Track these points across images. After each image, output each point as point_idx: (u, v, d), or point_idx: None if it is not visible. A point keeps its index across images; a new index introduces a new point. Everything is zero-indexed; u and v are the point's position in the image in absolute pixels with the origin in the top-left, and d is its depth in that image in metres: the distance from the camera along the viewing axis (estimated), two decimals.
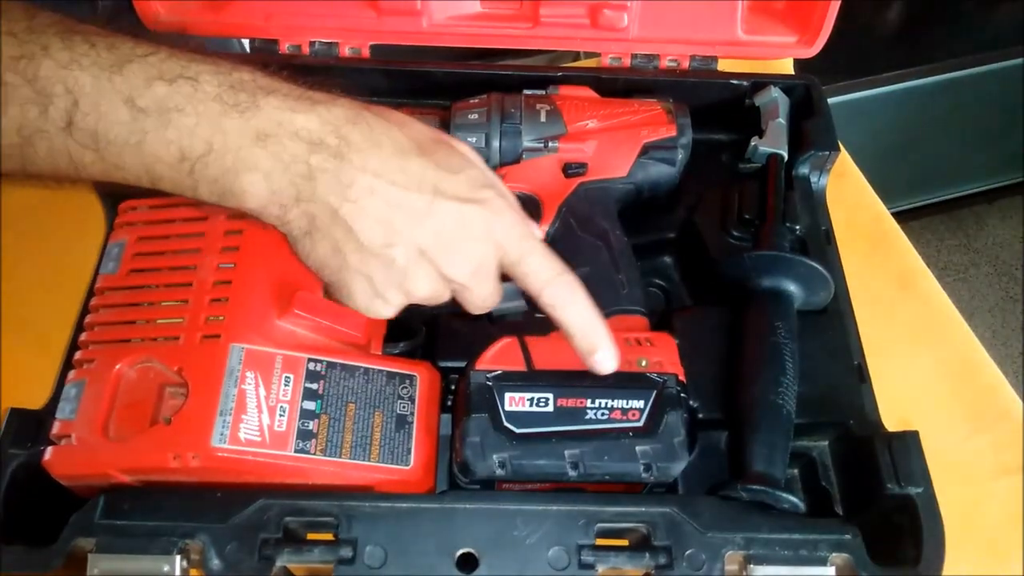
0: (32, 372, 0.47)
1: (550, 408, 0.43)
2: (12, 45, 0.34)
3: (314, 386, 0.42)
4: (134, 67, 0.36)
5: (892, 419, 0.48)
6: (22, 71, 0.34)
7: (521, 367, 0.45)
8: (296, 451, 0.40)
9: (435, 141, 0.42)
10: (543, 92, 0.58)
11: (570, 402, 0.43)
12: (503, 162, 0.54)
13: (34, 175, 0.37)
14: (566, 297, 0.42)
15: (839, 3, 0.59)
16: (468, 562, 0.40)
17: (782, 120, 0.59)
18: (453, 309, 0.44)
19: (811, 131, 0.59)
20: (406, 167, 0.39)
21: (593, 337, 0.42)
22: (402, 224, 0.39)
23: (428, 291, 0.41)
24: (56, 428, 0.41)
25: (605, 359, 0.43)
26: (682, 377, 0.45)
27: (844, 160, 0.71)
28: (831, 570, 0.40)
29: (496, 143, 0.54)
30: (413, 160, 0.40)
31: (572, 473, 0.42)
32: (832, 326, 0.51)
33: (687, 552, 0.40)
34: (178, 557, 0.39)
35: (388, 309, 0.42)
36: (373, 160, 0.39)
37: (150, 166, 0.37)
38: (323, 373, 0.43)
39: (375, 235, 0.39)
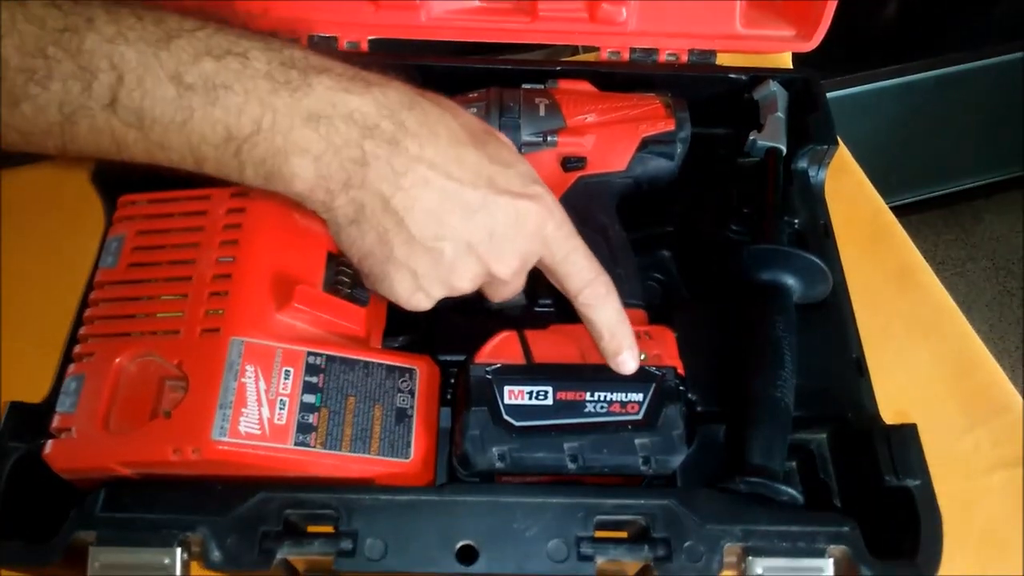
0: (32, 366, 0.47)
1: (549, 401, 0.43)
2: (56, 17, 0.33)
3: (314, 379, 0.42)
4: (181, 42, 0.34)
5: (890, 412, 0.48)
6: (65, 44, 0.33)
7: (520, 360, 0.45)
8: (296, 444, 0.41)
9: (486, 132, 0.41)
10: (542, 86, 0.58)
11: (569, 395, 0.44)
12: None
13: (74, 154, 0.36)
14: (603, 297, 0.43)
15: None
16: (468, 554, 0.40)
17: (781, 114, 0.59)
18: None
19: (810, 125, 0.59)
20: (462, 158, 0.38)
21: (621, 338, 0.43)
22: (454, 218, 0.38)
23: (470, 286, 0.41)
24: (56, 422, 0.41)
25: (628, 360, 0.44)
26: (681, 370, 0.46)
27: (842, 154, 0.71)
28: (829, 562, 0.40)
29: None
30: (469, 151, 0.39)
31: (571, 466, 0.42)
32: (830, 320, 0.51)
33: (686, 544, 0.40)
34: (179, 550, 0.39)
35: (428, 302, 0.41)
36: (429, 149, 0.37)
37: (195, 146, 0.36)
38: (323, 367, 0.43)
39: (426, 227, 0.38)
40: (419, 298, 0.41)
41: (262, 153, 0.36)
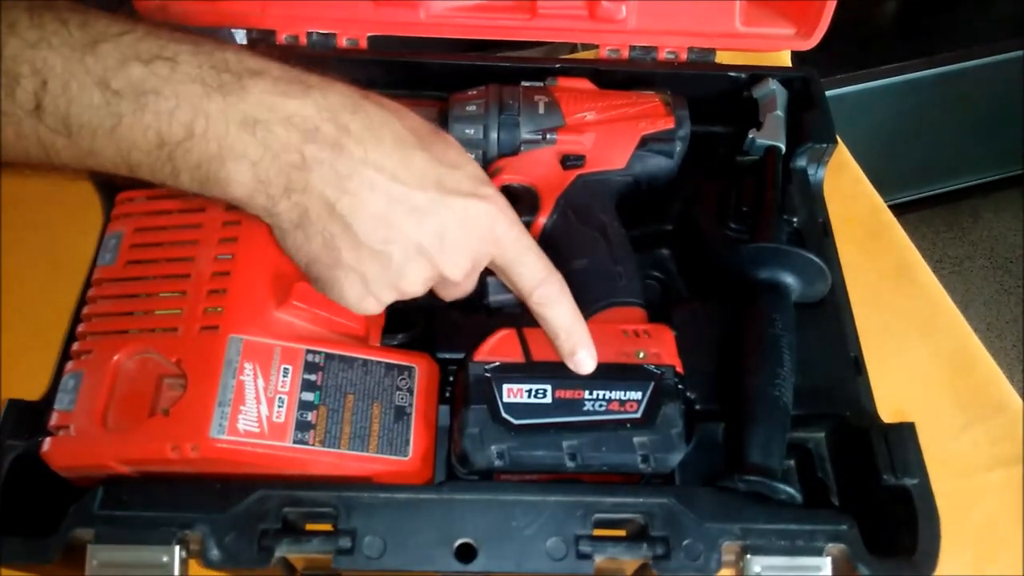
0: (30, 363, 0.47)
1: (548, 399, 0.43)
2: None
3: (312, 377, 0.42)
4: (108, 47, 0.33)
5: (888, 411, 0.48)
6: None
7: (519, 359, 0.45)
8: (295, 442, 0.41)
9: (432, 133, 0.41)
10: (541, 84, 0.58)
11: (568, 393, 0.44)
12: (501, 154, 0.54)
13: (6, 161, 0.35)
14: (555, 297, 0.42)
15: None
16: (467, 552, 0.40)
17: (780, 112, 0.59)
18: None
19: (809, 123, 0.59)
20: (408, 161, 0.38)
21: (577, 336, 0.43)
22: (403, 221, 0.37)
23: (420, 289, 0.40)
24: (54, 419, 0.41)
25: (585, 358, 0.43)
26: (680, 369, 0.46)
27: (841, 153, 0.71)
28: (827, 560, 0.40)
29: (494, 135, 0.54)
30: (415, 153, 0.38)
31: (570, 464, 0.42)
32: (829, 318, 0.51)
33: (684, 542, 0.40)
34: (177, 547, 0.39)
35: (377, 307, 0.40)
36: (374, 152, 0.37)
37: (126, 152, 0.35)
38: (321, 364, 0.43)
39: (374, 231, 0.37)
40: (369, 303, 0.40)
41: (196, 159, 0.35)
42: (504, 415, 0.43)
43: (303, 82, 0.37)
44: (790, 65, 0.72)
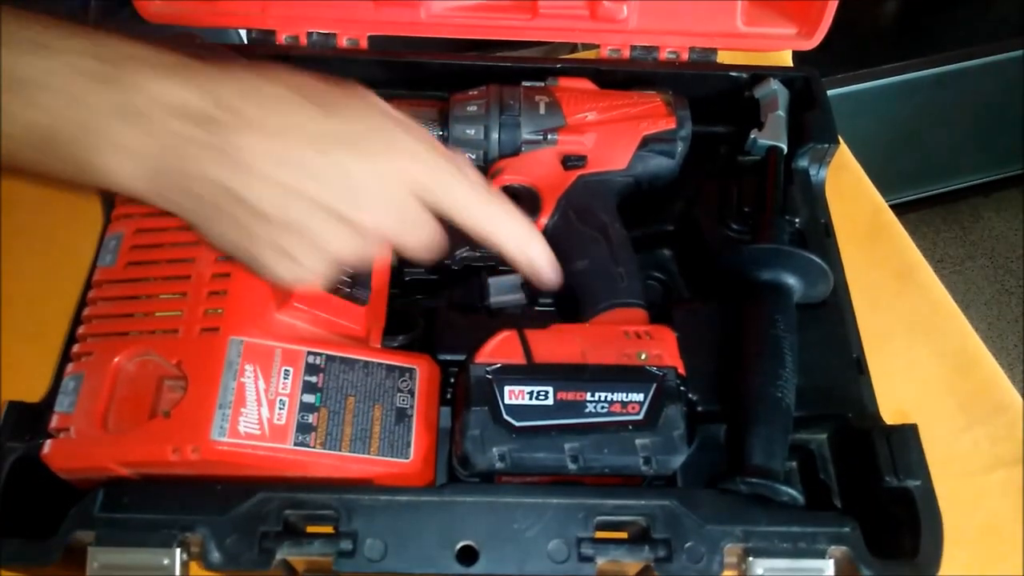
0: (30, 365, 0.46)
1: (550, 401, 0.43)
2: None
3: (313, 379, 0.42)
4: None
5: (890, 412, 0.48)
6: None
7: (521, 360, 0.45)
8: (295, 444, 0.40)
9: (326, 89, 0.38)
10: (542, 84, 0.58)
11: (570, 395, 0.43)
12: (502, 154, 0.54)
13: None
14: (498, 217, 0.41)
15: None
16: (468, 555, 0.40)
17: (781, 112, 0.59)
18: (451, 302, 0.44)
19: (810, 124, 0.59)
20: (302, 125, 0.36)
21: (528, 245, 0.43)
22: (305, 186, 0.36)
23: (350, 248, 0.38)
24: (55, 421, 0.41)
25: (544, 267, 0.44)
26: (681, 370, 0.45)
27: (842, 152, 0.71)
28: (830, 563, 0.40)
29: (495, 135, 0.54)
30: (301, 112, 0.36)
31: (572, 466, 0.42)
32: (831, 319, 0.51)
33: (686, 545, 0.40)
34: (178, 550, 0.39)
35: (315, 277, 0.39)
36: (256, 121, 0.35)
37: (3, 143, 0.34)
38: (322, 366, 0.43)
39: (277, 203, 0.36)
40: (304, 274, 0.38)
41: (73, 150, 0.34)
42: (505, 417, 0.43)
43: (186, 66, 0.35)
44: (791, 65, 0.72)
